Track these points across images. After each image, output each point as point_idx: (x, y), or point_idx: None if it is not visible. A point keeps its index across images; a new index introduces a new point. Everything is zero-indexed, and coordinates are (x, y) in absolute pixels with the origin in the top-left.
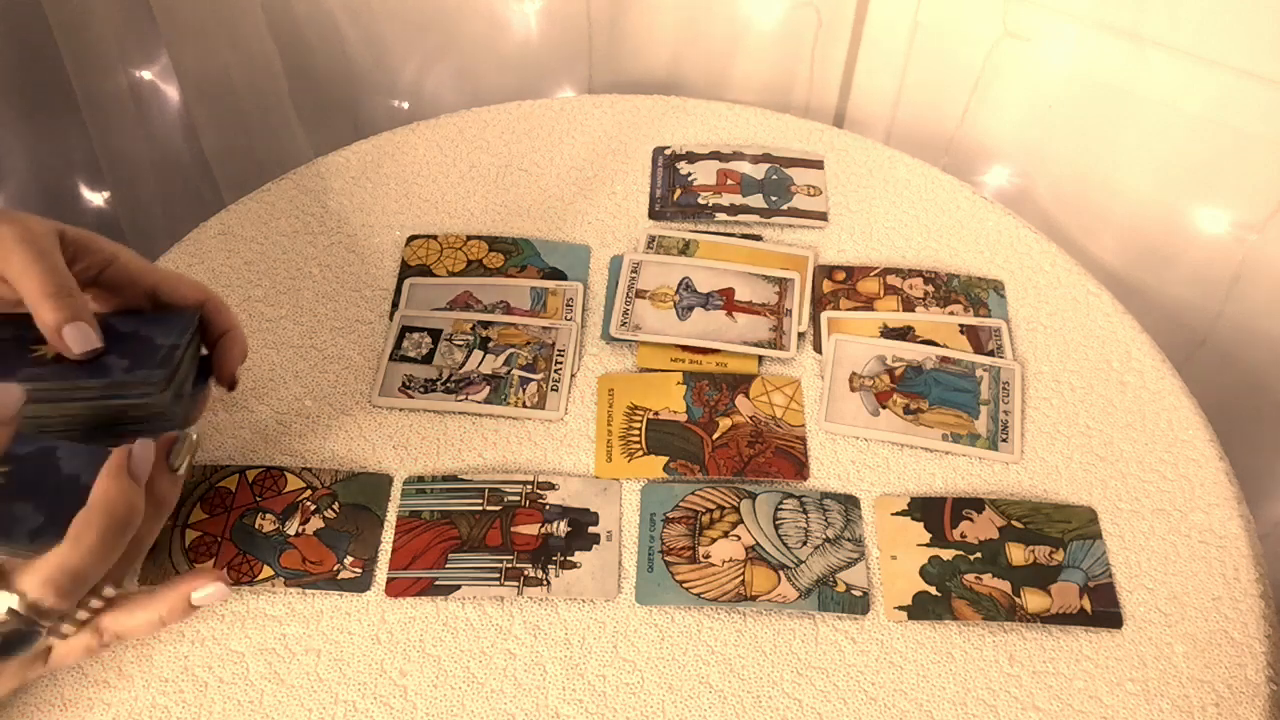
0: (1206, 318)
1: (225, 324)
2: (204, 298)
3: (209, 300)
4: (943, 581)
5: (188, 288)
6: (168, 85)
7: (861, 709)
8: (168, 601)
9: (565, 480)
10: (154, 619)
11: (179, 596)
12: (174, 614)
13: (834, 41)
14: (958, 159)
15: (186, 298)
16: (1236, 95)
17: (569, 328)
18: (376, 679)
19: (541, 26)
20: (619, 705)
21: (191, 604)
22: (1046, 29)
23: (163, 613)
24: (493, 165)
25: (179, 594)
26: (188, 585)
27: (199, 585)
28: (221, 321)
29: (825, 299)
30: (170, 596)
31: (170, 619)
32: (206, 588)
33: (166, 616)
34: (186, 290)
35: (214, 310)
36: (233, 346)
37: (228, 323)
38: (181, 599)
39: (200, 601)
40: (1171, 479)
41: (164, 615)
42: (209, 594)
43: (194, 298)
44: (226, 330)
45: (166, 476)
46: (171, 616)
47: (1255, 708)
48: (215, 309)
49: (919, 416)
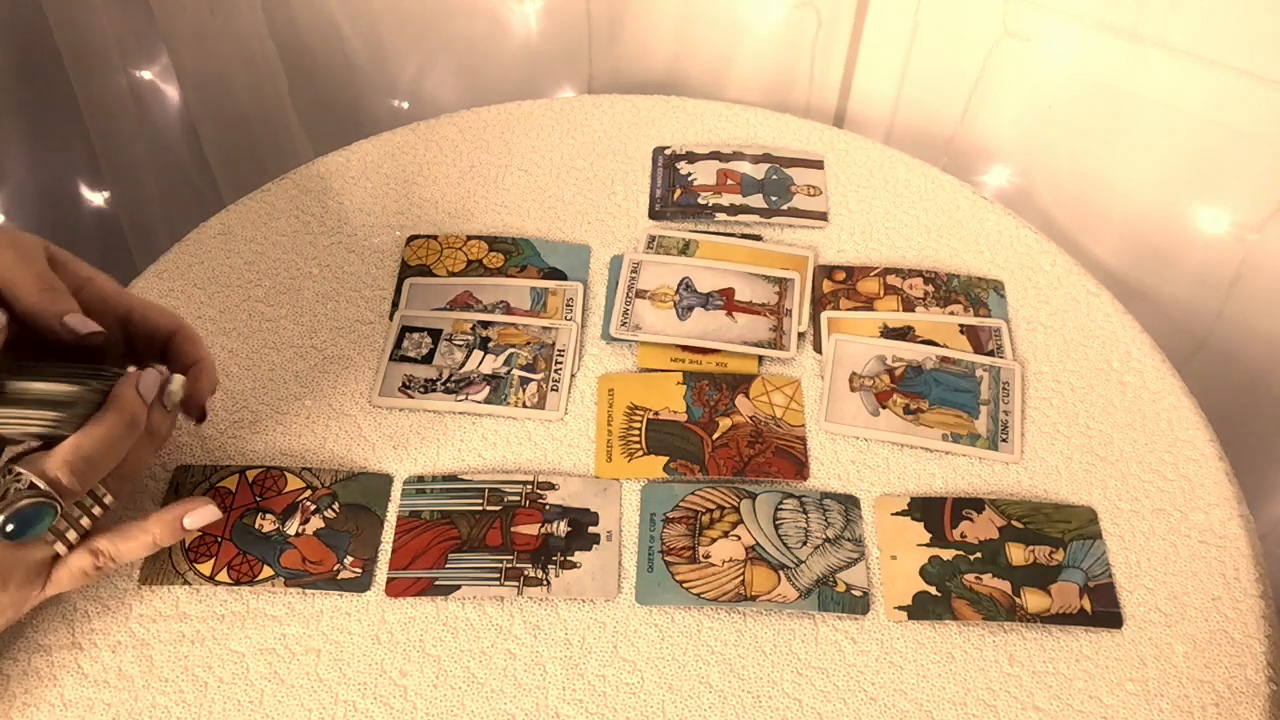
0: (1206, 318)
1: (195, 355)
2: (175, 327)
3: (179, 330)
4: (943, 581)
5: (160, 316)
6: (168, 85)
7: (861, 709)
8: (161, 523)
9: (565, 480)
10: (148, 540)
11: (172, 518)
12: (166, 535)
13: (834, 42)
14: (958, 159)
15: (159, 325)
16: (1236, 95)
17: (569, 328)
18: (376, 679)
19: (541, 26)
20: (619, 705)
21: (184, 526)
22: (1046, 29)
23: (156, 534)
24: (493, 165)
25: (172, 515)
26: (180, 509)
27: (190, 509)
28: (192, 352)
29: (825, 299)
30: (164, 518)
31: (163, 540)
32: (197, 511)
33: (159, 537)
34: (159, 319)
35: (184, 341)
36: (202, 377)
37: (198, 354)
38: (174, 520)
39: (192, 524)
40: (1171, 479)
41: (157, 536)
42: (200, 514)
43: (166, 326)
44: (196, 361)
45: (159, 410)
46: (164, 537)
47: (1255, 708)
48: (185, 339)
49: (919, 416)
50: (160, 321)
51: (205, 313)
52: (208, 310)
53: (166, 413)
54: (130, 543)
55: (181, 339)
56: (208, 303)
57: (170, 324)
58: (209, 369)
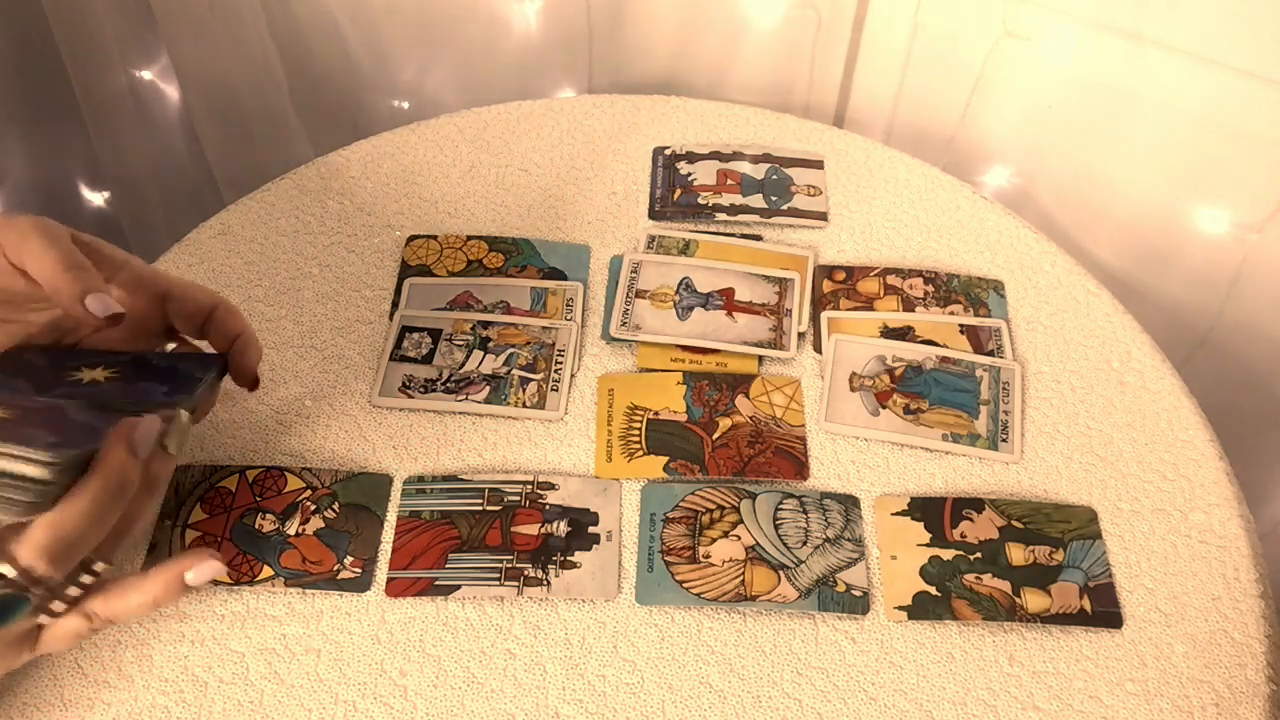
0: (1206, 318)
1: (238, 328)
2: (215, 303)
3: (219, 305)
4: (943, 581)
5: (199, 292)
6: (168, 85)
7: (861, 709)
8: (161, 581)
9: (565, 480)
10: (147, 600)
11: (173, 576)
12: (168, 594)
13: (834, 41)
14: (958, 159)
15: (199, 302)
16: (1236, 95)
17: (569, 328)
18: (376, 679)
19: (541, 26)
20: (619, 705)
21: (186, 584)
22: (1046, 29)
23: (156, 593)
24: (493, 165)
25: (173, 573)
26: (181, 565)
27: (192, 564)
28: (234, 325)
29: (825, 299)
30: (164, 576)
31: (164, 599)
32: (200, 566)
33: (160, 597)
34: (198, 295)
35: (225, 314)
36: (248, 348)
37: (240, 326)
38: (176, 578)
39: (195, 581)
40: (1171, 479)
41: (158, 596)
42: (203, 571)
43: (206, 302)
44: (239, 334)
45: (159, 456)
46: (166, 597)
47: (1255, 708)
48: (227, 313)
49: (919, 416)
50: (199, 298)
51: None
52: None
53: (168, 457)
54: (127, 603)
55: (222, 313)
56: None
57: (209, 300)
58: (252, 340)
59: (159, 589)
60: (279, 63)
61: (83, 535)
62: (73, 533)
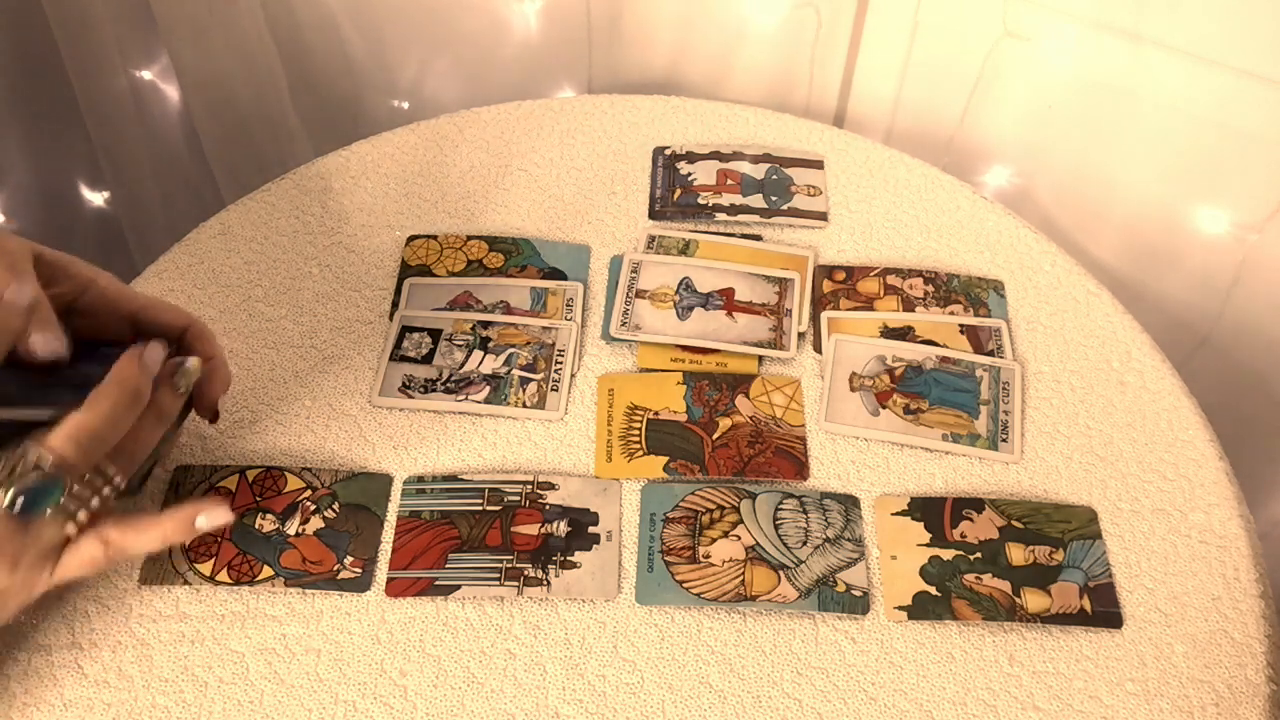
0: (1206, 318)
1: (207, 352)
2: (186, 324)
3: (190, 327)
4: (943, 581)
5: (169, 313)
6: (168, 85)
7: (861, 709)
8: (174, 519)
9: (565, 480)
10: (158, 535)
11: (185, 516)
12: (178, 533)
13: (834, 41)
14: (958, 159)
15: (169, 323)
16: (1236, 95)
17: (569, 328)
18: (376, 679)
19: (541, 26)
20: (619, 705)
21: (195, 526)
22: (1046, 29)
23: (167, 530)
24: (493, 165)
25: (186, 514)
26: (195, 507)
27: (205, 509)
28: (204, 349)
29: (825, 299)
30: (176, 516)
31: (173, 537)
32: (213, 510)
33: (170, 534)
34: (168, 316)
35: (195, 338)
36: (215, 375)
37: (210, 351)
38: (188, 518)
39: (205, 525)
40: (1171, 479)
41: (168, 533)
42: (215, 514)
43: (176, 324)
44: (209, 358)
45: (168, 391)
46: (175, 535)
47: (1255, 708)
48: (197, 336)
49: (919, 416)
50: (170, 319)
51: (205, 313)
52: (208, 310)
53: (177, 394)
54: (141, 535)
55: (193, 336)
56: (208, 303)
57: (180, 321)
58: (221, 367)
59: (170, 526)
60: (279, 63)
61: (105, 429)
62: (96, 426)
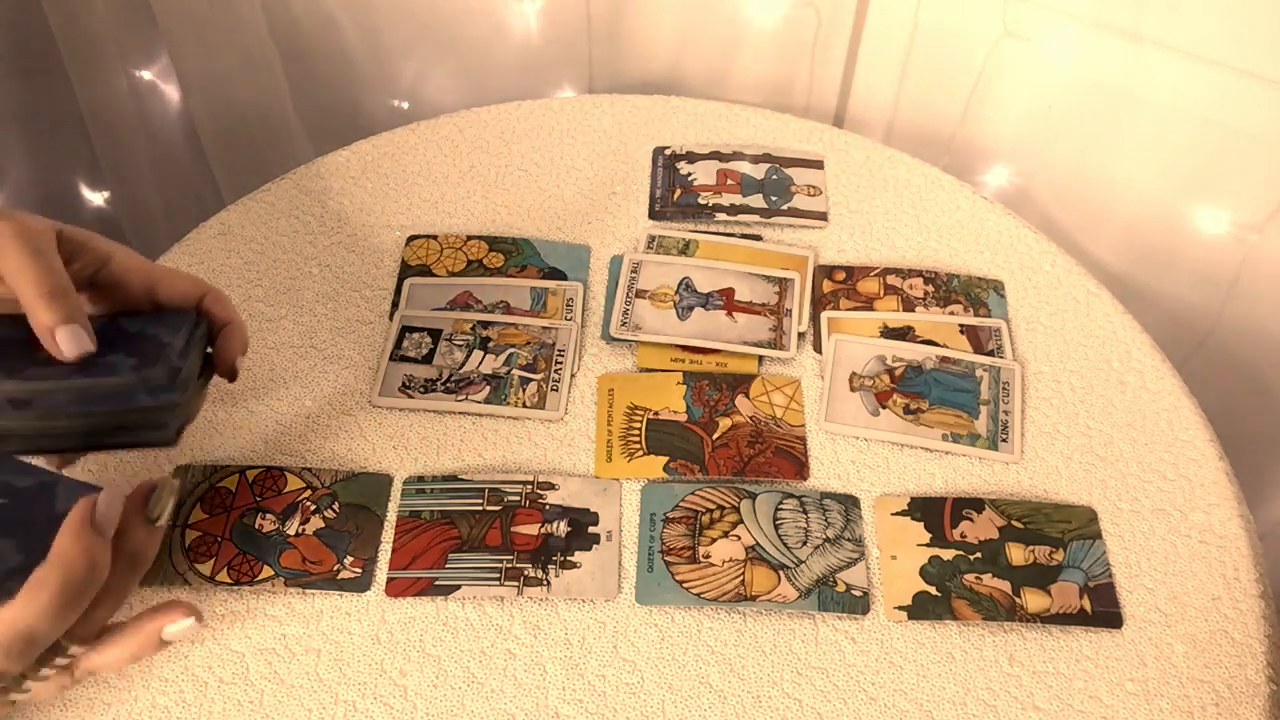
0: (1206, 318)
1: (225, 316)
2: (203, 292)
3: (208, 294)
4: (943, 581)
5: (186, 283)
6: (168, 85)
7: (861, 709)
8: (139, 638)
9: (565, 480)
10: (124, 655)
11: (151, 632)
12: (145, 649)
13: (834, 41)
14: (958, 159)
15: (186, 293)
16: (1236, 95)
17: (569, 328)
18: (376, 679)
19: (541, 26)
20: (619, 705)
21: (162, 639)
22: (1046, 29)
23: (133, 649)
24: (493, 165)
25: (150, 630)
26: (159, 620)
27: (170, 620)
28: (221, 314)
29: (825, 299)
30: (142, 632)
31: (141, 654)
32: (178, 623)
33: (137, 652)
34: (185, 286)
35: (213, 303)
36: (233, 337)
37: (228, 315)
38: (153, 635)
39: (171, 637)
40: (1171, 479)
41: (135, 651)
42: (180, 629)
43: (193, 293)
44: (227, 322)
45: (142, 528)
46: (142, 652)
47: (1255, 708)
48: (215, 302)
49: (919, 416)
50: (187, 289)
51: None
52: None
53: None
54: (105, 659)
55: (210, 302)
56: None
57: (197, 289)
58: (239, 329)
59: (135, 645)
60: (279, 63)
61: (43, 630)
62: (33, 628)
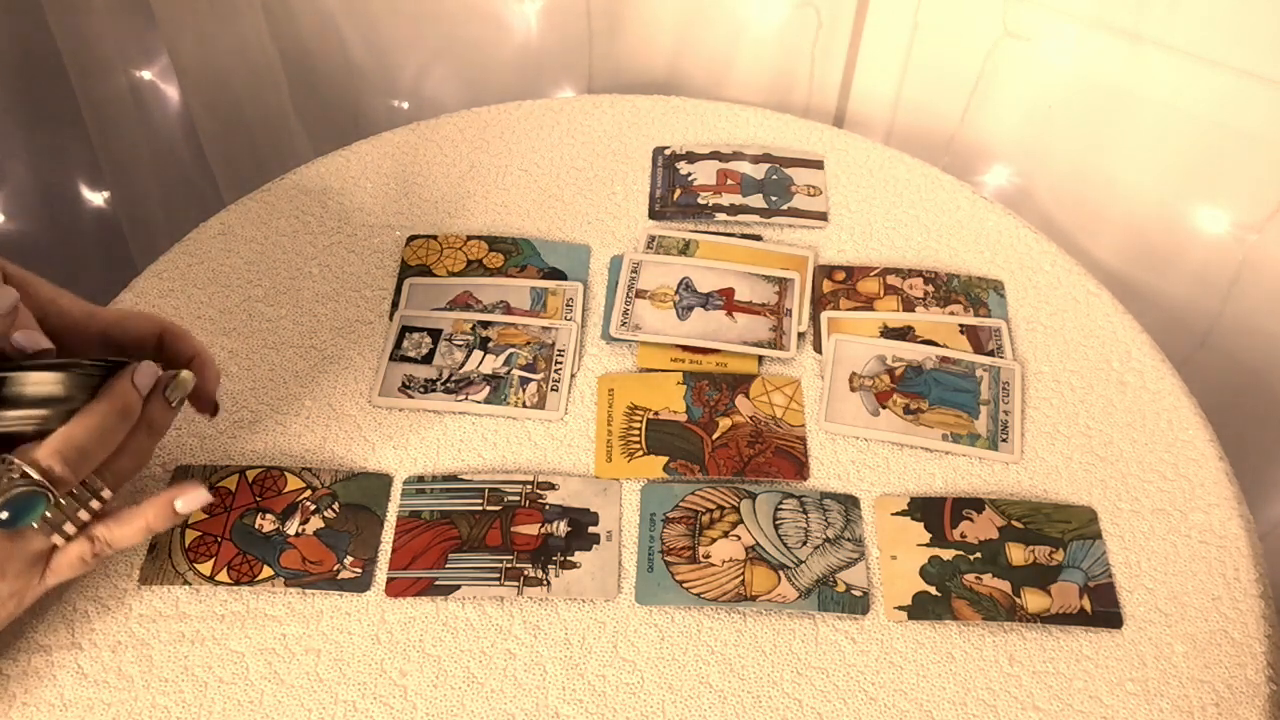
0: (1206, 318)
1: (188, 351)
2: (159, 329)
3: (166, 330)
4: (943, 581)
5: (139, 323)
6: (168, 85)
7: (861, 709)
8: (154, 508)
9: (565, 480)
10: (142, 525)
11: (164, 503)
12: (160, 520)
13: (834, 42)
14: (958, 159)
15: (142, 332)
16: (1236, 95)
17: (569, 328)
18: (376, 679)
19: (541, 26)
20: (619, 705)
21: (176, 510)
22: (1046, 29)
23: (149, 518)
24: (493, 165)
25: (163, 500)
26: (171, 492)
27: (181, 493)
28: (184, 349)
29: (825, 299)
30: (156, 503)
31: (156, 524)
32: (188, 494)
33: (153, 522)
34: (140, 325)
35: (173, 340)
36: (202, 371)
37: (191, 349)
38: (166, 504)
39: (183, 507)
40: (1171, 479)
41: (150, 520)
42: (191, 497)
43: (150, 331)
44: (193, 356)
45: (160, 404)
46: (158, 522)
47: (1255, 708)
48: (175, 337)
49: (919, 416)
50: (141, 328)
51: (205, 313)
52: (208, 310)
53: (168, 407)
54: (125, 528)
55: (169, 338)
56: (208, 303)
57: (153, 328)
58: (208, 362)
59: (152, 514)
60: (279, 63)
61: (93, 445)
62: (84, 441)
